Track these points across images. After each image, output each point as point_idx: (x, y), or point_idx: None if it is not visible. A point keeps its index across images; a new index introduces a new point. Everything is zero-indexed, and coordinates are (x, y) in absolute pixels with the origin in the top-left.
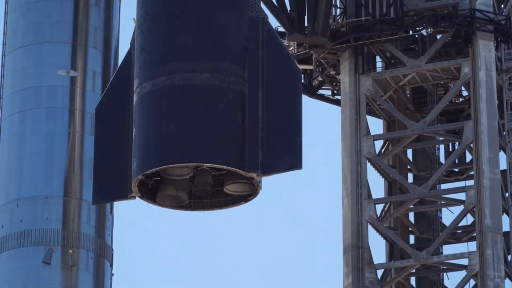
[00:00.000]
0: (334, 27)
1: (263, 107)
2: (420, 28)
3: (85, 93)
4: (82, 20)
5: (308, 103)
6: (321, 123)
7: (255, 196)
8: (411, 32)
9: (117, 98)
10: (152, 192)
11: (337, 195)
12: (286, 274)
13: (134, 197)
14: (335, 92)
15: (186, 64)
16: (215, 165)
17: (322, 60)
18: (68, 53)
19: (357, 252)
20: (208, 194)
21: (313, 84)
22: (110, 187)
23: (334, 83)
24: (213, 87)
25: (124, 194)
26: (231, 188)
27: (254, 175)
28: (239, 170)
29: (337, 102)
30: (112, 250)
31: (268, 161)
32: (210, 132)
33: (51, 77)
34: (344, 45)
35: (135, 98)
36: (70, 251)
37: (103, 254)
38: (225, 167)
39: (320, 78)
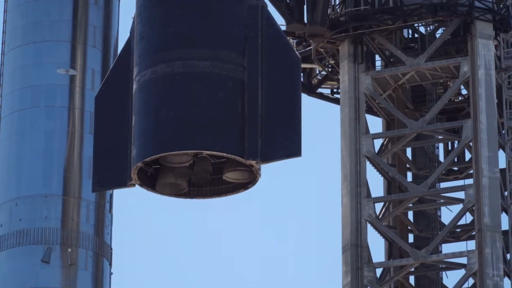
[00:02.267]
0: (333, 16)
1: (262, 95)
2: (419, 19)
3: (84, 91)
4: (81, 19)
5: (307, 102)
6: (321, 121)
7: (254, 184)
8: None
9: (116, 86)
10: (152, 180)
11: (337, 194)
12: (285, 273)
13: (134, 185)
14: (334, 90)
15: (186, 52)
16: (215, 153)
17: (322, 50)
18: (67, 51)
19: (356, 250)
20: (207, 182)
21: (313, 82)
22: (110, 175)
23: (333, 73)
24: (212, 75)
25: (123, 182)
26: (230, 176)
27: (253, 162)
28: (239, 158)
29: (336, 101)
30: (111, 249)
31: (267, 149)
32: (209, 119)
33: (51, 76)
34: (343, 34)
35: (134, 86)
36: (69, 250)
37: (102, 253)
38: (224, 154)
39: (319, 77)
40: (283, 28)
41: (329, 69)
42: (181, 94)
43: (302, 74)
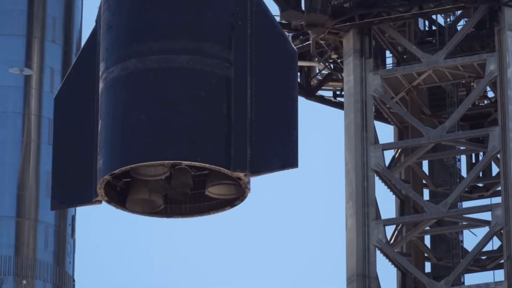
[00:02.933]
0: (335, 2)
1: (252, 95)
2: (436, 7)
3: (41, 95)
4: (38, 9)
5: (305, 106)
6: (321, 130)
7: (242, 200)
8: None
9: (79, 85)
10: (121, 195)
11: (340, 215)
12: None
13: (100, 202)
14: (337, 93)
15: (161, 44)
16: (196, 163)
17: (322, 42)
18: (22, 47)
19: (363, 282)
20: (187, 198)
21: (312, 84)
22: (72, 190)
23: (336, 70)
24: (193, 71)
25: (88, 198)
26: (214, 191)
27: (241, 175)
28: (224, 169)
29: (339, 105)
30: (74, 280)
31: (258, 159)
32: (189, 124)
33: (2, 76)
34: (348, 23)
35: (101, 85)
36: (24, 281)
37: (62, 285)
38: (207, 165)
39: (319, 77)
40: (277, 17)
41: (331, 66)
42: (156, 95)
43: (299, 73)
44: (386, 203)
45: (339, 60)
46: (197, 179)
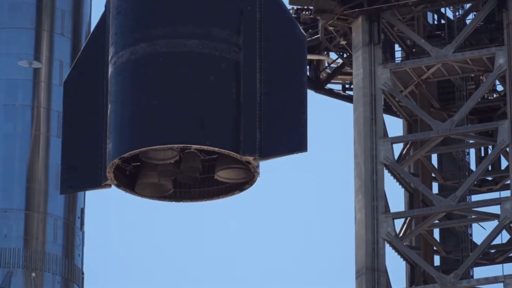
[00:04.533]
0: None
1: (261, 79)
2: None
3: (50, 87)
4: (47, 2)
5: (314, 100)
6: (330, 123)
7: (251, 184)
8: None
9: (89, 70)
10: (131, 179)
11: (349, 209)
12: None
13: (110, 186)
14: (346, 86)
15: (171, 29)
16: (205, 147)
17: (331, 29)
18: (31, 40)
19: (372, 275)
20: (196, 182)
21: (321, 77)
22: (81, 174)
23: (342, 54)
24: (202, 56)
25: (97, 182)
26: (223, 175)
27: (250, 159)
28: (233, 153)
29: (349, 99)
30: (83, 273)
31: (267, 143)
32: (198, 108)
33: (11, 69)
34: (357, 10)
35: (110, 69)
36: (33, 274)
37: (71, 277)
38: (216, 149)
39: (328, 70)
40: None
41: (341, 54)
42: (165, 79)
43: (308, 67)
44: (395, 196)
45: (349, 50)
46: (207, 163)
